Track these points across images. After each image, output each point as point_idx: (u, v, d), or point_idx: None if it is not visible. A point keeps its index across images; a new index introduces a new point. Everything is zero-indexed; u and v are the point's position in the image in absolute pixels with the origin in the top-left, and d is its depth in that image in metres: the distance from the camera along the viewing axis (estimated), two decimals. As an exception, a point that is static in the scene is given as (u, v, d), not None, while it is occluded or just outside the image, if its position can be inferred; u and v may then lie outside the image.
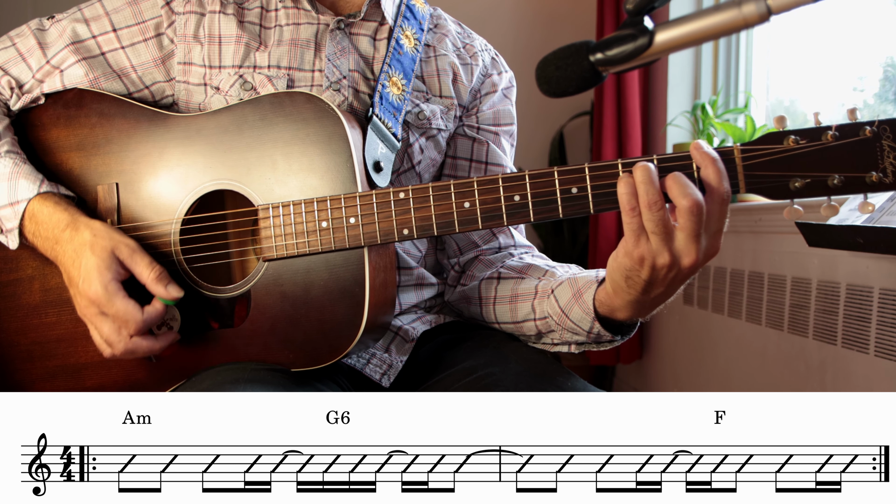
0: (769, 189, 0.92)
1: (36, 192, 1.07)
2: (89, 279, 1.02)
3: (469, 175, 1.27)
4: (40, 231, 1.07)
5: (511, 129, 1.31)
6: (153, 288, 1.03)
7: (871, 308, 1.83)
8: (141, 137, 1.11)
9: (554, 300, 1.08)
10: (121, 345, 1.03)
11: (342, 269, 1.04)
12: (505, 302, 1.17)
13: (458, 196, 1.00)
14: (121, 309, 1.01)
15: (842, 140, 0.89)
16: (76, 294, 1.05)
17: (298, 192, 1.05)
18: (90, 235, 1.03)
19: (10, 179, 1.08)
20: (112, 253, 1.03)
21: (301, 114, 1.05)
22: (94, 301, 1.02)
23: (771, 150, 0.91)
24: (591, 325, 1.04)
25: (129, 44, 1.16)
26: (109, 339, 1.03)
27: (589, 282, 1.04)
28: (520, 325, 1.16)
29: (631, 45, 0.75)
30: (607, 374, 3.61)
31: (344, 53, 1.17)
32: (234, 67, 1.14)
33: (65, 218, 1.06)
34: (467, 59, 1.27)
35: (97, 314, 1.03)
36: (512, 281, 1.17)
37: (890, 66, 2.26)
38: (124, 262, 1.03)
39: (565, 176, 0.96)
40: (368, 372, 1.13)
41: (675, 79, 3.12)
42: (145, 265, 1.03)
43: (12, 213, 1.08)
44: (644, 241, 0.90)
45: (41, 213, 1.07)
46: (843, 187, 0.89)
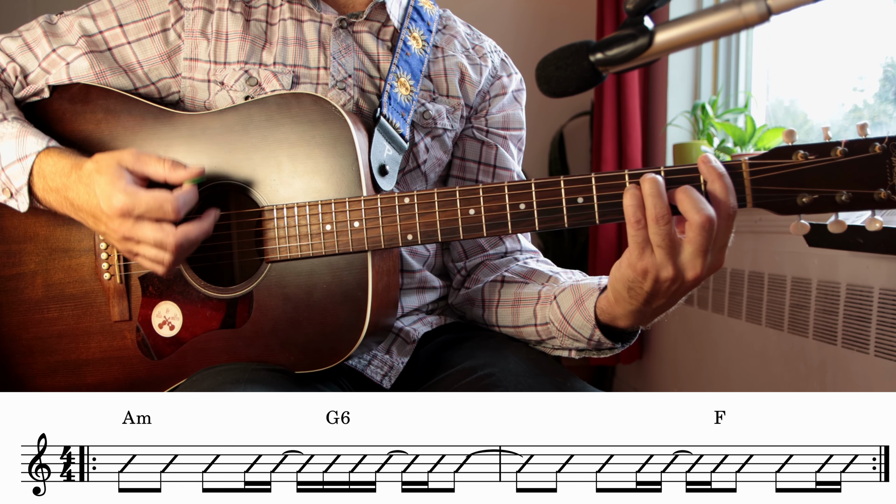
0: (776, 204, 0.91)
1: (45, 145, 1.05)
2: (108, 195, 0.98)
3: (477, 177, 1.27)
4: (49, 184, 1.05)
5: (520, 135, 1.32)
6: (173, 176, 1.01)
7: (871, 308, 1.83)
8: (146, 135, 1.11)
9: (556, 306, 1.09)
10: (171, 238, 0.98)
11: (345, 273, 1.04)
12: (507, 305, 1.17)
13: (463, 203, 0.99)
14: (150, 199, 0.98)
15: (851, 156, 0.88)
16: (107, 224, 1.00)
17: (303, 194, 1.05)
18: (93, 164, 1.01)
19: (17, 137, 1.06)
20: (118, 164, 1.00)
21: (307, 115, 1.05)
22: (122, 211, 0.98)
23: (779, 164, 0.90)
24: (592, 333, 1.04)
25: (135, 39, 1.16)
26: (157, 240, 0.99)
27: (591, 289, 1.04)
28: (520, 330, 1.16)
29: (631, 45, 0.75)
30: (607, 374, 3.61)
31: (348, 52, 1.17)
32: (239, 63, 1.15)
33: (68, 163, 1.04)
34: (476, 59, 1.28)
35: (133, 224, 0.99)
36: (515, 285, 1.18)
37: (890, 66, 2.26)
38: (132, 168, 1.01)
39: (571, 186, 0.96)
40: (370, 373, 1.13)
41: (675, 79, 3.12)
42: (154, 161, 1.01)
43: (21, 169, 1.06)
44: (648, 253, 0.90)
45: (47, 166, 1.05)
46: (851, 204, 0.89)
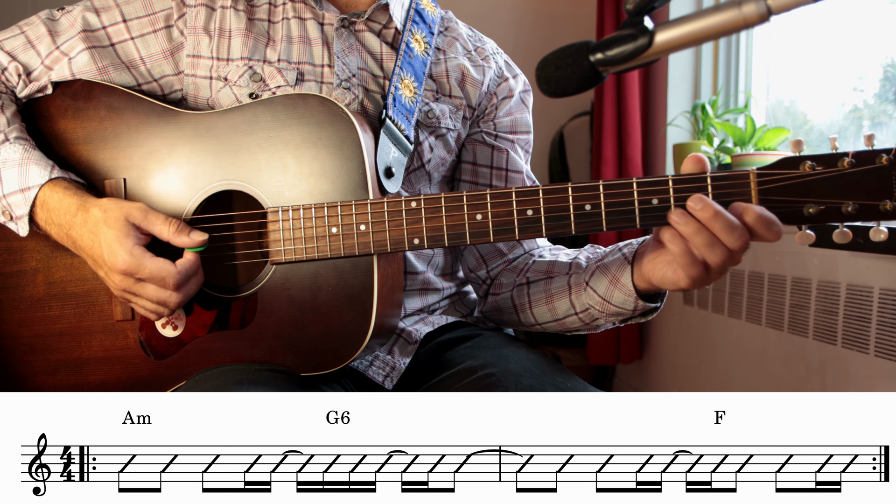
0: (783, 214, 0.91)
1: (47, 178, 1.06)
2: (113, 252, 1.01)
3: (491, 181, 1.28)
4: (52, 218, 1.06)
5: (527, 139, 1.32)
6: (176, 241, 1.02)
7: (871, 308, 1.83)
8: (150, 133, 1.10)
9: (592, 291, 1.09)
10: (173, 298, 1.02)
11: (351, 276, 1.03)
12: (541, 304, 1.18)
13: (470, 208, 0.99)
14: (154, 268, 1.00)
15: (858, 167, 0.88)
16: (107, 274, 1.04)
17: (308, 195, 1.04)
18: (101, 212, 1.03)
19: (20, 165, 1.06)
20: (126, 220, 1.02)
21: (314, 116, 1.04)
22: (125, 271, 1.01)
23: (787, 175, 0.91)
24: (636, 305, 1.05)
25: (138, 35, 1.16)
26: (159, 298, 1.02)
27: (620, 264, 1.05)
28: (563, 322, 1.17)
29: (631, 45, 0.75)
30: (607, 374, 3.61)
31: (352, 51, 1.17)
32: (242, 59, 1.15)
33: (74, 202, 1.05)
34: (479, 61, 1.28)
35: (134, 283, 1.02)
36: (542, 283, 1.18)
37: (890, 66, 2.26)
38: (140, 225, 1.02)
39: (579, 192, 0.95)
40: (371, 374, 1.13)
41: (675, 79, 3.12)
42: (161, 222, 1.03)
43: (23, 200, 1.06)
44: (696, 268, 0.93)
45: (52, 200, 1.06)
46: (857, 215, 0.89)
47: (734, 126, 2.63)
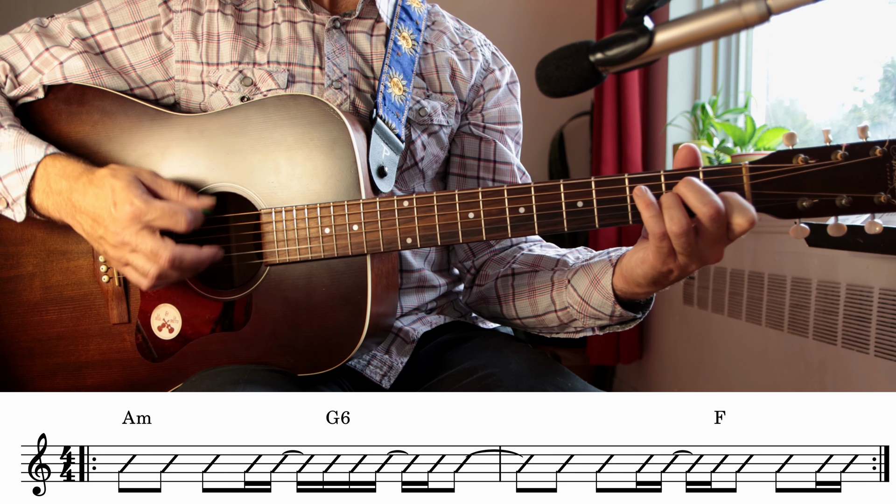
0: (777, 208, 0.91)
1: (43, 154, 1.05)
2: (122, 199, 0.99)
3: (478, 174, 1.27)
4: (53, 186, 1.04)
5: (516, 129, 1.32)
6: (186, 202, 1.03)
7: (871, 308, 1.83)
8: (143, 136, 1.11)
9: (572, 289, 1.09)
10: (166, 252, 0.99)
11: (344, 276, 1.04)
12: (524, 297, 1.17)
13: (462, 206, 0.99)
14: (164, 205, 1.00)
15: (851, 160, 0.88)
16: (108, 227, 1.00)
17: (301, 196, 1.04)
18: (109, 171, 1.03)
19: (15, 147, 1.06)
20: (135, 176, 1.02)
21: (306, 117, 1.04)
22: (133, 214, 0.99)
23: (780, 168, 0.90)
24: (613, 309, 1.05)
25: (126, 42, 1.16)
26: (153, 249, 0.99)
27: (604, 266, 1.05)
28: (541, 318, 1.16)
29: (631, 45, 0.75)
30: (607, 374, 3.61)
31: (342, 52, 1.17)
32: (232, 63, 1.15)
33: (80, 167, 1.04)
34: (466, 54, 1.27)
35: (135, 232, 0.99)
36: (526, 275, 1.18)
37: (890, 66, 2.26)
38: (148, 184, 1.03)
39: (571, 190, 0.95)
40: (369, 373, 1.13)
41: (675, 79, 3.12)
42: (170, 185, 1.03)
43: (20, 179, 1.05)
44: (672, 258, 0.92)
45: (53, 169, 1.05)
46: (851, 208, 0.89)
47: (734, 126, 2.63)
